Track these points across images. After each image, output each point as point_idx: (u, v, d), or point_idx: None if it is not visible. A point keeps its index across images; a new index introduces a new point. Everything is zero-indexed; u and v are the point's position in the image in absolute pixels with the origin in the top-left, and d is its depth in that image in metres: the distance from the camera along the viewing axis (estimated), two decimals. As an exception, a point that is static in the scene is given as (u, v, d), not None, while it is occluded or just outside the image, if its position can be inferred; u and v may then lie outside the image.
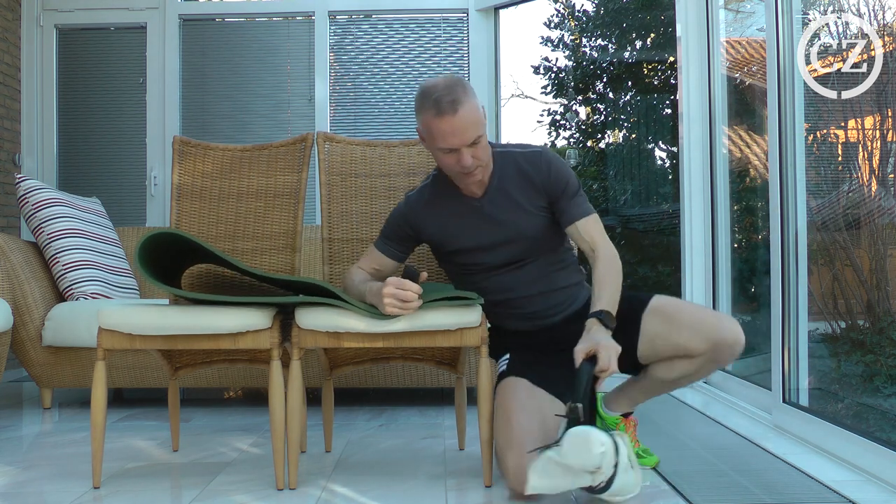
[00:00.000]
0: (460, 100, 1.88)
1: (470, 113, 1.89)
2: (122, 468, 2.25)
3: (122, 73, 4.45)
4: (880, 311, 2.81)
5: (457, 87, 1.90)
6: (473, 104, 1.91)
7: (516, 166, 2.05)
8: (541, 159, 2.04)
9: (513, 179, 2.04)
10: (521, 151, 2.07)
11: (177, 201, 2.40)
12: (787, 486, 2.00)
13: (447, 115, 1.88)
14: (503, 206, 2.05)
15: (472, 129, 1.90)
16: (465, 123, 1.89)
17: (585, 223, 2.03)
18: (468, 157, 1.92)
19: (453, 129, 1.88)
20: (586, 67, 6.43)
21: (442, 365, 2.43)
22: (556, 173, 2.03)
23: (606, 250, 2.01)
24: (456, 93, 1.88)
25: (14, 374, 4.05)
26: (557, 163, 2.05)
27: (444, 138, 1.91)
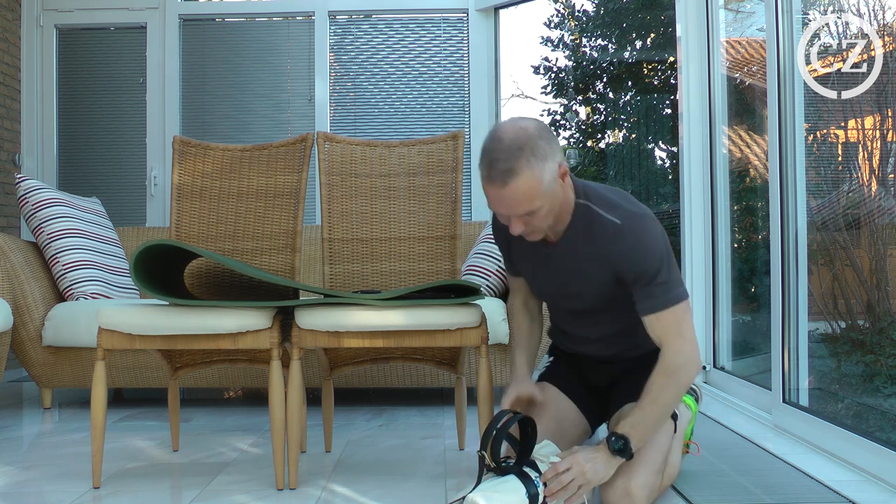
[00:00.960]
0: (516, 171, 1.61)
1: (523, 186, 1.62)
2: (122, 468, 2.25)
3: (122, 73, 4.45)
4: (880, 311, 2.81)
5: (520, 151, 1.62)
6: (532, 177, 1.62)
7: (590, 230, 1.77)
8: (614, 236, 1.73)
9: (584, 242, 1.78)
10: (602, 215, 1.76)
11: (177, 201, 2.40)
12: (787, 486, 2.00)
13: (495, 184, 1.64)
14: (570, 265, 1.83)
15: (525, 203, 1.65)
16: (515, 198, 1.64)
17: (657, 319, 1.72)
18: (518, 226, 1.70)
19: (500, 200, 1.66)
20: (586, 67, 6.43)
21: (442, 365, 2.43)
22: (626, 260, 1.72)
23: (668, 360, 1.71)
24: (515, 161, 1.61)
25: (14, 374, 4.05)
26: (633, 246, 1.71)
27: (491, 203, 1.70)
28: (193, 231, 2.41)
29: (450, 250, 2.40)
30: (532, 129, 1.65)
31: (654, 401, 1.70)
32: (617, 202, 1.77)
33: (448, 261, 2.41)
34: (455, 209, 2.39)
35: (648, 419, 1.70)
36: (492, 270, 3.22)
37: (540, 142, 1.64)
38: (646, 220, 1.74)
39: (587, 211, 1.77)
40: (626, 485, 1.69)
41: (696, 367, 1.74)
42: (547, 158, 1.65)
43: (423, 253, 2.41)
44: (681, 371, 1.71)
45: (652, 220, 1.74)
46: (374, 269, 2.42)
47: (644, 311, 1.74)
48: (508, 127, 1.67)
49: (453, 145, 2.40)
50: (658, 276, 1.71)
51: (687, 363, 1.72)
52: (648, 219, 1.74)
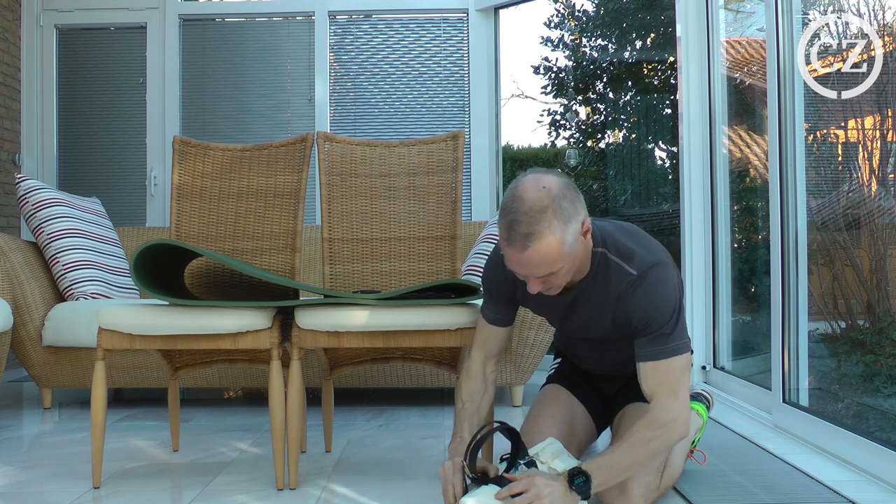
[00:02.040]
0: (538, 234, 1.54)
1: (543, 251, 1.56)
2: (122, 468, 2.25)
3: (122, 73, 4.45)
4: (880, 311, 2.81)
5: (542, 215, 1.55)
6: (553, 241, 1.55)
7: (606, 277, 1.73)
8: (628, 288, 1.69)
9: (597, 292, 1.75)
10: (619, 264, 1.72)
11: (177, 201, 2.40)
12: (787, 486, 2.00)
13: (514, 248, 1.57)
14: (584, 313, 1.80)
15: (544, 266, 1.59)
16: (535, 261, 1.57)
17: (654, 368, 1.67)
18: (536, 285, 1.64)
19: (519, 262, 1.60)
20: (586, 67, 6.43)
21: (442, 365, 2.43)
22: (637, 312, 1.68)
23: (658, 413, 1.65)
24: (537, 224, 1.55)
25: (14, 374, 4.05)
26: (646, 298, 1.67)
27: (509, 263, 1.63)
28: (193, 231, 2.41)
29: (450, 250, 2.40)
30: (556, 188, 1.58)
31: (629, 450, 1.63)
32: (635, 250, 1.72)
33: (448, 261, 2.41)
34: (455, 209, 2.39)
35: (617, 466, 1.63)
36: (492, 270, 3.22)
37: (563, 203, 1.57)
38: (662, 270, 1.69)
39: (605, 260, 1.73)
40: (623, 484, 1.69)
41: (683, 431, 1.67)
42: (570, 220, 1.58)
43: (423, 253, 2.41)
44: (666, 429, 1.64)
45: (668, 269, 1.71)
46: (374, 269, 2.42)
47: (643, 358, 1.69)
48: (530, 185, 1.58)
49: (453, 145, 2.40)
50: (665, 326, 1.67)
51: (675, 422, 1.65)
52: (664, 267, 1.70)
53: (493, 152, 4.37)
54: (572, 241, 1.59)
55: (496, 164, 4.39)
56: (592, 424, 2.03)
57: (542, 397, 2.02)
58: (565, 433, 1.90)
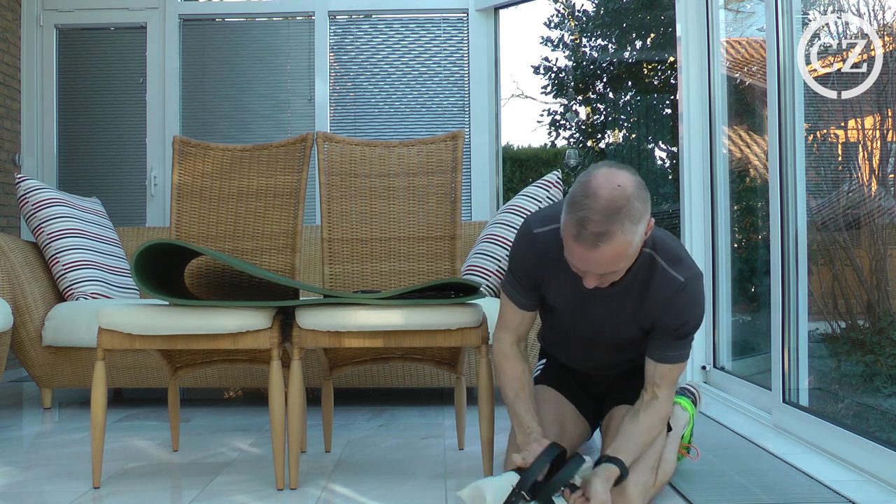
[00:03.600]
0: (608, 234, 1.53)
1: (612, 251, 1.55)
2: (122, 468, 2.25)
3: (122, 73, 4.45)
4: (880, 311, 2.81)
5: (616, 216, 1.53)
6: (623, 241, 1.55)
7: (649, 278, 1.74)
8: (675, 292, 1.72)
9: (638, 291, 1.76)
10: (666, 268, 1.73)
11: (177, 201, 2.40)
12: (787, 486, 2.00)
13: (583, 245, 1.55)
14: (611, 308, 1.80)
15: (610, 264, 1.58)
16: (602, 260, 1.56)
17: (668, 370, 1.78)
18: (593, 281, 1.64)
19: (586, 259, 1.58)
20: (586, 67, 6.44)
21: (442, 365, 2.43)
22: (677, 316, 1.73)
23: (663, 406, 1.79)
24: (610, 224, 1.53)
25: (14, 374, 4.05)
26: (688, 304, 1.73)
27: (571, 257, 1.61)
28: (193, 231, 2.41)
29: (449, 250, 2.40)
30: (630, 187, 1.56)
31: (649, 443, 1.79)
32: (681, 256, 1.75)
33: (448, 261, 2.41)
34: (455, 209, 2.39)
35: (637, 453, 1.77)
36: (492, 270, 3.22)
37: (636, 203, 1.56)
38: (701, 281, 1.77)
39: (651, 261, 1.74)
40: (621, 485, 1.70)
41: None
42: (640, 220, 1.57)
43: (423, 253, 2.41)
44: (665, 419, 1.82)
45: (703, 281, 1.78)
46: (374, 269, 2.42)
47: (661, 359, 1.78)
48: (604, 181, 1.55)
49: (453, 145, 2.40)
50: (692, 333, 1.78)
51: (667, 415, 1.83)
52: (702, 279, 1.78)
53: (493, 152, 4.37)
54: (638, 242, 1.60)
55: (496, 164, 4.39)
56: (584, 423, 2.03)
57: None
58: (557, 433, 1.89)
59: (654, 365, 1.79)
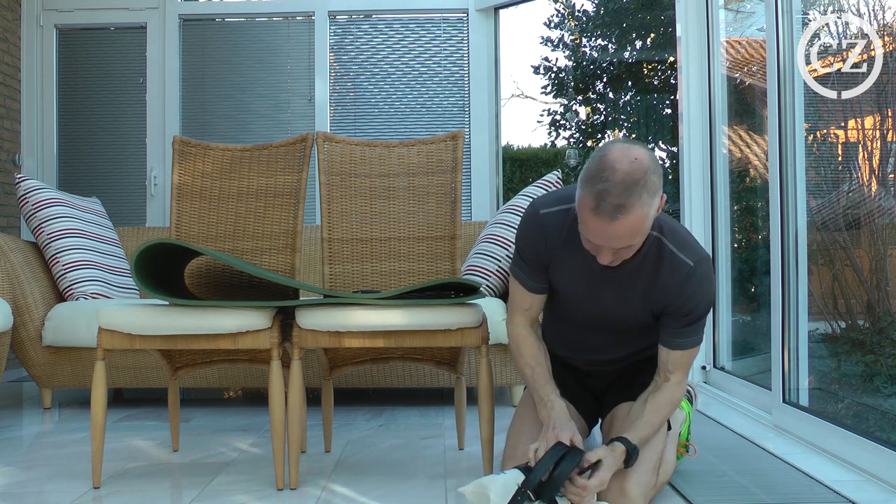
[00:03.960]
0: (627, 206, 1.53)
1: (631, 223, 1.56)
2: (122, 468, 2.25)
3: (122, 73, 4.45)
4: (880, 311, 2.81)
5: (634, 187, 1.54)
6: (641, 214, 1.56)
7: (658, 262, 1.75)
8: (685, 277, 1.73)
9: (646, 274, 1.76)
10: (674, 252, 1.74)
11: (177, 201, 2.40)
12: (787, 486, 2.00)
13: (602, 218, 1.55)
14: (619, 292, 1.80)
15: (626, 238, 1.59)
16: (620, 233, 1.57)
17: (681, 356, 1.80)
18: (608, 256, 1.64)
19: (604, 232, 1.58)
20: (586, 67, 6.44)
21: (442, 365, 2.43)
22: (687, 300, 1.74)
23: (675, 391, 1.81)
24: (628, 196, 1.53)
25: (14, 374, 4.05)
26: (698, 288, 1.74)
27: (588, 232, 1.61)
28: (193, 231, 2.41)
29: (449, 250, 2.40)
30: (646, 161, 1.57)
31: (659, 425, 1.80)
32: (688, 241, 1.77)
33: (448, 261, 2.41)
34: (455, 209, 2.39)
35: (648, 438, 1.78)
36: (492, 270, 3.22)
37: (653, 176, 1.57)
38: (710, 265, 1.78)
39: (660, 245, 1.75)
40: (622, 484, 1.70)
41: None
42: (656, 194, 1.59)
43: (423, 253, 2.41)
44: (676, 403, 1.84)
45: (711, 266, 1.79)
46: (374, 269, 2.42)
47: (674, 346, 1.79)
48: (621, 155, 1.56)
49: (453, 145, 2.40)
50: (703, 317, 1.79)
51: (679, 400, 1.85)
52: (710, 262, 1.78)
53: (493, 152, 4.37)
54: (653, 216, 1.61)
55: (496, 164, 4.39)
56: (581, 421, 2.02)
57: (528, 398, 2.00)
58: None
59: (667, 352, 1.80)
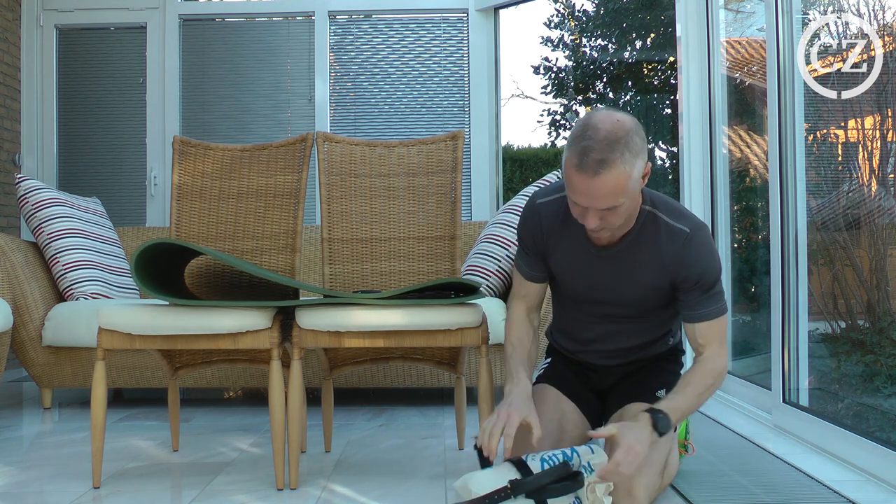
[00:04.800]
0: (609, 161, 1.57)
1: (613, 180, 1.59)
2: (122, 468, 2.25)
3: (122, 73, 4.45)
4: (880, 311, 2.81)
5: (616, 144, 1.58)
6: (623, 171, 1.59)
7: (655, 235, 1.77)
8: (684, 244, 1.74)
9: (645, 248, 1.78)
10: (669, 222, 1.77)
11: (177, 201, 2.40)
12: (787, 486, 2.00)
13: (585, 174, 1.59)
14: (620, 271, 1.81)
15: (610, 197, 1.61)
16: (603, 190, 1.60)
17: (707, 327, 1.78)
18: (594, 219, 1.66)
19: (588, 189, 1.61)
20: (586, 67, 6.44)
21: (442, 365, 2.43)
22: (692, 267, 1.74)
23: (714, 361, 1.77)
24: (610, 151, 1.58)
25: (14, 374, 4.05)
26: (700, 253, 1.75)
27: (573, 192, 1.64)
28: (193, 231, 2.41)
29: (449, 250, 2.40)
30: (629, 123, 1.63)
31: (697, 396, 1.75)
32: (682, 210, 1.79)
33: (448, 261, 2.41)
34: (454, 209, 2.39)
35: (686, 410, 1.75)
36: (492, 270, 3.22)
37: (635, 137, 1.62)
38: (707, 232, 1.78)
39: (654, 218, 1.77)
40: (629, 485, 1.69)
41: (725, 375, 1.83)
42: (639, 155, 1.63)
43: (423, 253, 2.41)
44: (722, 375, 1.78)
45: (709, 230, 1.81)
46: (374, 269, 2.42)
47: (697, 319, 1.77)
48: (604, 117, 1.63)
49: (453, 145, 2.40)
50: (716, 285, 1.77)
51: (725, 369, 1.80)
52: (707, 231, 1.79)
53: (493, 152, 4.37)
54: (637, 178, 1.63)
55: (496, 164, 4.39)
56: (584, 421, 2.02)
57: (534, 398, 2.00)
58: (555, 431, 1.89)
59: (692, 327, 1.79)
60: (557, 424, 1.92)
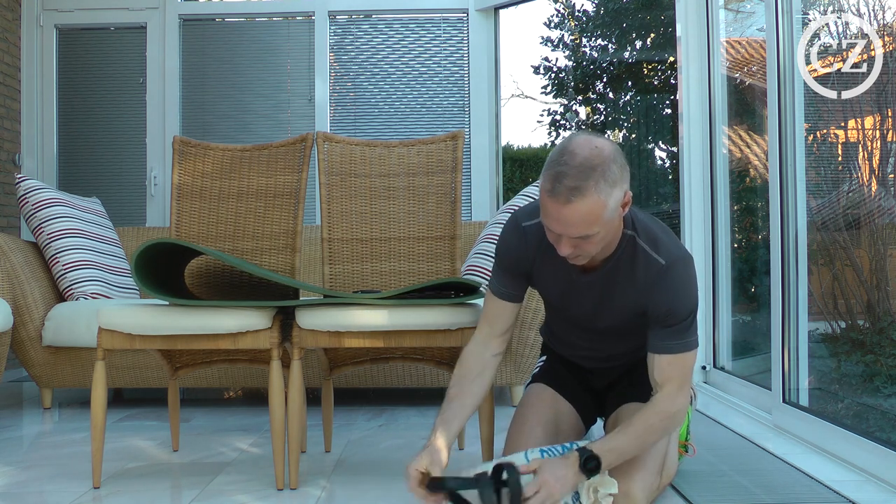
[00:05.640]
0: (582, 189, 1.52)
1: (586, 208, 1.53)
2: (122, 468, 2.25)
3: (122, 73, 4.45)
4: (880, 311, 2.81)
5: (591, 173, 1.53)
6: (598, 200, 1.53)
7: (632, 263, 1.72)
8: (658, 275, 1.69)
9: (623, 275, 1.74)
10: (647, 251, 1.72)
11: (177, 201, 2.40)
12: (787, 486, 2.00)
13: (557, 200, 1.54)
14: (600, 297, 1.78)
15: (582, 226, 1.56)
16: (575, 218, 1.55)
17: (670, 361, 1.71)
18: (567, 247, 1.61)
19: (559, 216, 1.56)
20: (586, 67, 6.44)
21: (442, 365, 2.43)
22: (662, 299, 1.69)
23: (665, 404, 1.70)
24: (585, 179, 1.53)
25: (14, 374, 4.05)
26: (673, 287, 1.69)
27: (546, 217, 1.60)
28: (193, 231, 2.41)
29: (449, 250, 2.41)
30: (607, 150, 1.57)
31: (637, 437, 1.69)
32: (663, 240, 1.73)
33: (448, 261, 2.41)
34: (455, 209, 2.39)
35: (625, 450, 1.68)
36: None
37: (613, 166, 1.56)
38: (687, 264, 1.72)
39: (633, 244, 1.72)
40: (627, 487, 1.69)
41: (681, 421, 1.76)
42: (616, 185, 1.57)
43: (423, 253, 2.41)
44: (673, 419, 1.72)
45: (691, 265, 1.73)
46: (374, 269, 2.42)
47: (658, 350, 1.71)
48: (583, 143, 1.58)
49: (453, 145, 2.40)
50: (685, 321, 1.70)
51: (679, 413, 1.72)
52: (689, 262, 1.73)
53: (493, 152, 4.37)
54: (613, 208, 1.58)
55: (496, 164, 4.39)
56: (580, 421, 2.01)
57: (527, 398, 2.00)
58: (551, 432, 1.89)
59: (653, 358, 1.73)
60: (553, 425, 1.92)
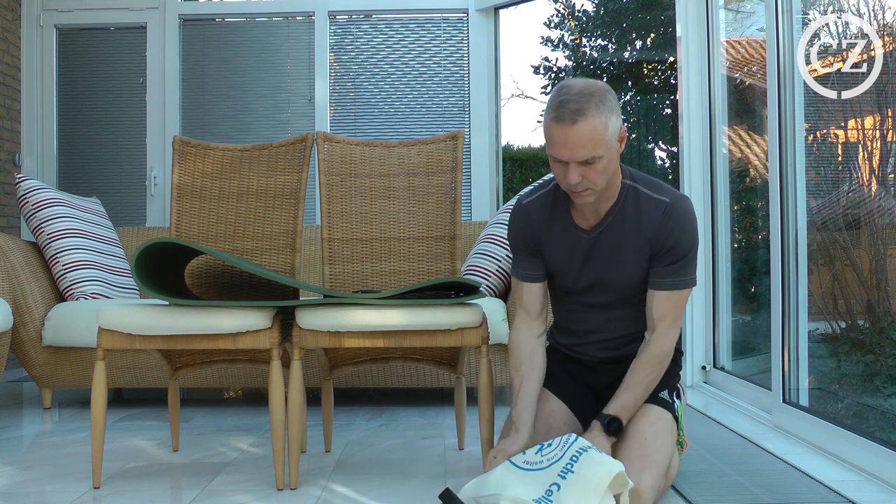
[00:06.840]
0: (585, 111, 1.68)
1: (590, 129, 1.68)
2: (122, 468, 2.25)
3: (122, 73, 4.45)
4: (880, 311, 2.81)
5: (591, 97, 1.70)
6: (599, 122, 1.69)
7: (637, 208, 1.85)
8: (664, 214, 1.82)
9: (628, 222, 1.85)
10: (649, 194, 1.85)
11: (177, 201, 2.40)
12: (787, 486, 2.00)
13: (563, 124, 1.69)
14: (608, 250, 1.87)
15: (587, 147, 1.69)
16: (581, 139, 1.69)
17: (668, 297, 1.83)
18: (575, 175, 1.73)
19: (566, 140, 1.70)
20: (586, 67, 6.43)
21: (442, 365, 2.43)
22: (669, 235, 1.81)
23: (660, 343, 1.84)
24: (586, 102, 1.69)
25: (14, 374, 4.05)
26: (678, 222, 1.82)
27: (554, 146, 1.73)
28: (193, 231, 2.41)
29: (449, 250, 2.41)
30: (601, 84, 1.75)
31: (641, 385, 1.83)
32: (661, 184, 1.88)
33: (448, 261, 2.41)
34: (455, 209, 2.39)
35: (636, 402, 1.83)
36: (492, 270, 3.22)
37: (608, 95, 1.73)
38: (688, 202, 1.86)
39: (634, 192, 1.86)
40: (636, 486, 1.70)
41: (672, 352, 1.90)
42: (613, 112, 1.73)
43: (423, 253, 2.41)
44: (667, 358, 1.86)
45: (692, 204, 1.87)
46: (374, 269, 2.42)
47: (659, 286, 1.83)
48: (578, 80, 1.76)
49: (453, 145, 2.40)
50: (688, 255, 1.83)
51: (671, 350, 1.87)
52: (690, 201, 1.87)
53: (493, 152, 4.37)
54: (613, 133, 1.73)
55: (496, 164, 4.39)
56: (574, 420, 2.01)
57: None
58: (542, 431, 1.90)
59: (653, 295, 1.84)
60: (545, 423, 1.92)
